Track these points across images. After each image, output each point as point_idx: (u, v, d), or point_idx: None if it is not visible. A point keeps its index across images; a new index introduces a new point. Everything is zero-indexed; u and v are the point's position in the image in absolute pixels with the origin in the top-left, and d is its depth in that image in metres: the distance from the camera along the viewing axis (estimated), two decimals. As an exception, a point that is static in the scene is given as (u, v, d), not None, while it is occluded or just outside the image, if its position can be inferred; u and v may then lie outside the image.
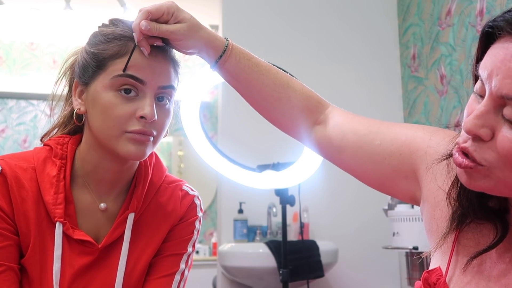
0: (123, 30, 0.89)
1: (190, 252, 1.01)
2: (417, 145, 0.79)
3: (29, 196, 0.89)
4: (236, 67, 0.88)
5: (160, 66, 0.88)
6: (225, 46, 0.87)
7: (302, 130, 0.91)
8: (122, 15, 3.41)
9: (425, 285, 0.71)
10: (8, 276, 0.85)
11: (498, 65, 0.58)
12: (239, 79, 0.89)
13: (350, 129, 0.87)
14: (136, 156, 0.88)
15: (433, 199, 0.75)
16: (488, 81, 0.59)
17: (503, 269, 0.66)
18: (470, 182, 0.64)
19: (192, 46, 0.87)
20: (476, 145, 0.61)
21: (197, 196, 1.04)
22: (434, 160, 0.75)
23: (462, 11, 2.30)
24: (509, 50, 0.57)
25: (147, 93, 0.87)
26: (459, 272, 0.69)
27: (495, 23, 0.60)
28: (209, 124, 4.09)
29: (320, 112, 0.91)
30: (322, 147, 0.91)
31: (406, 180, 0.80)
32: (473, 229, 0.70)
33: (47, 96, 1.00)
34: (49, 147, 0.95)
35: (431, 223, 0.76)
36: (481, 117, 0.60)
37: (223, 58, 0.87)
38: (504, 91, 0.57)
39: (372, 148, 0.83)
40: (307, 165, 1.55)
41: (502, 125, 0.58)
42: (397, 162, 0.80)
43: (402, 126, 0.84)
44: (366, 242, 2.58)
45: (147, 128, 0.86)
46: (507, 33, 0.58)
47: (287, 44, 2.69)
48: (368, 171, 0.85)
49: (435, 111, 2.48)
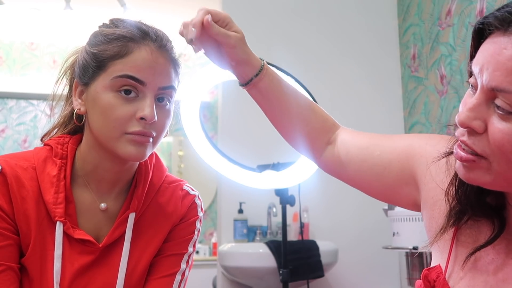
0: (124, 30, 0.89)
1: (190, 252, 1.01)
2: (413, 150, 0.82)
3: (30, 196, 0.89)
4: (268, 87, 0.92)
5: (160, 66, 0.88)
6: (261, 66, 0.91)
7: (316, 150, 0.97)
8: (122, 15, 3.41)
9: (425, 282, 0.72)
10: (8, 276, 0.85)
11: (488, 59, 0.60)
12: (269, 98, 0.93)
13: (353, 144, 0.92)
14: (136, 157, 0.88)
15: (431, 199, 0.77)
16: (480, 75, 0.62)
17: (500, 264, 0.67)
18: (469, 176, 0.65)
19: (239, 57, 0.89)
20: (473, 138, 0.63)
21: (197, 196, 1.04)
22: (434, 158, 0.77)
23: (462, 11, 2.30)
24: (498, 44, 0.60)
25: (147, 94, 0.87)
26: (458, 269, 0.70)
27: (485, 20, 0.62)
28: (209, 124, 4.09)
29: (332, 132, 0.97)
30: (331, 165, 0.96)
31: (406, 186, 0.83)
32: (470, 226, 0.72)
33: (47, 96, 1.00)
34: (49, 147, 0.95)
35: (431, 223, 0.78)
36: (473, 110, 0.62)
37: (259, 76, 0.90)
38: (494, 83, 0.59)
39: (373, 159, 0.88)
40: (307, 165, 1.55)
41: (493, 117, 0.61)
42: (396, 169, 0.84)
43: (401, 136, 0.89)
44: (366, 242, 2.58)
45: (147, 129, 0.86)
46: (496, 29, 0.61)
47: (287, 44, 2.69)
48: (372, 182, 0.89)
49: (435, 111, 2.48)
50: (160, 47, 0.89)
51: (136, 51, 0.87)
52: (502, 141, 0.59)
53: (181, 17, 3.91)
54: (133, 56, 0.87)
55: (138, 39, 0.88)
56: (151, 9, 3.62)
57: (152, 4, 3.56)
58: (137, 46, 0.87)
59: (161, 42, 0.90)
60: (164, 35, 0.92)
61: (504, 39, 0.59)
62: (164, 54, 0.90)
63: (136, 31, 0.89)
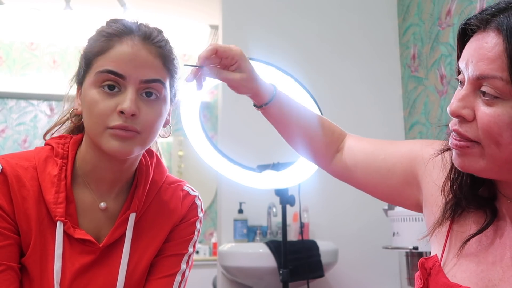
0: (111, 28, 0.89)
1: (190, 252, 1.01)
2: (414, 153, 0.89)
3: (30, 195, 0.89)
4: (278, 113, 0.97)
5: (141, 60, 0.87)
6: (272, 96, 0.95)
7: (326, 160, 1.02)
8: (122, 15, 3.41)
9: (421, 270, 0.78)
10: (8, 276, 0.85)
11: (472, 53, 0.69)
12: (279, 121, 0.99)
13: (359, 149, 0.98)
14: (120, 153, 0.86)
15: (431, 196, 0.83)
16: (466, 69, 0.70)
17: (490, 248, 0.74)
18: (464, 164, 0.72)
19: (244, 92, 0.93)
20: (465, 126, 0.70)
21: (197, 197, 1.04)
22: (431, 155, 0.84)
23: (462, 11, 2.30)
24: (479, 40, 0.68)
25: (128, 88, 0.86)
26: (452, 256, 0.77)
27: (469, 21, 0.72)
28: (209, 124, 4.09)
29: (341, 141, 1.03)
30: (339, 170, 1.01)
31: (409, 186, 0.89)
32: (464, 218, 0.78)
33: (47, 96, 1.01)
34: (50, 147, 0.95)
35: (430, 219, 0.83)
36: (462, 100, 0.70)
37: (268, 105, 0.95)
38: (479, 72, 0.67)
39: (378, 162, 0.94)
40: (307, 165, 1.55)
41: (480, 104, 0.68)
42: (400, 170, 0.90)
43: (404, 142, 0.96)
44: (366, 242, 2.58)
45: (128, 124, 0.85)
46: (477, 28, 0.70)
47: (286, 45, 2.69)
48: (377, 185, 0.95)
49: (435, 111, 2.48)
50: (144, 40, 0.88)
51: (118, 46, 0.87)
52: (489, 124, 0.67)
53: (181, 17, 3.89)
54: (114, 50, 0.86)
55: (121, 34, 0.88)
56: (151, 9, 3.62)
57: (152, 4, 3.56)
58: (119, 41, 0.87)
59: (146, 35, 0.89)
60: (152, 30, 0.91)
61: (484, 35, 0.68)
62: (149, 47, 0.88)
63: (121, 27, 0.89)
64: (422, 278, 0.78)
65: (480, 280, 0.72)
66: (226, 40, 2.62)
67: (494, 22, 0.67)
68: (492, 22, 0.68)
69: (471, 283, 0.72)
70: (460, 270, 0.74)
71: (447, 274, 0.75)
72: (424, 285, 0.77)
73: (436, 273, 0.76)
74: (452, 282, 0.73)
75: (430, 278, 0.77)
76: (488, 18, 0.68)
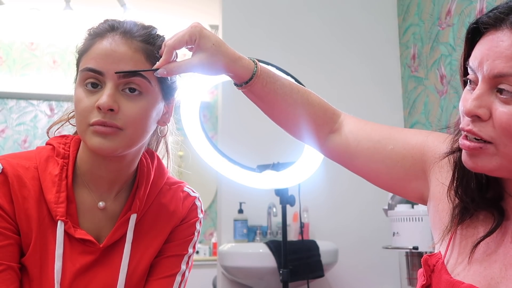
0: (99, 28, 0.89)
1: (190, 253, 1.01)
2: (428, 148, 0.86)
3: (31, 195, 0.89)
4: (261, 91, 0.89)
5: (119, 55, 0.85)
6: (252, 73, 0.87)
7: (319, 140, 0.96)
8: (122, 15, 3.41)
9: (425, 266, 0.78)
10: (8, 275, 0.85)
11: (486, 52, 0.68)
12: (264, 100, 0.91)
13: (364, 136, 0.93)
14: (102, 150, 0.85)
15: (438, 193, 0.82)
16: (480, 68, 0.68)
17: (494, 247, 0.73)
18: (476, 164, 0.70)
19: (215, 74, 0.87)
20: (479, 125, 0.69)
21: (198, 198, 1.04)
22: (437, 157, 0.82)
23: (462, 11, 2.30)
24: (494, 39, 0.67)
25: (107, 84, 0.85)
26: (455, 255, 0.77)
27: (480, 19, 0.70)
28: (209, 124, 4.09)
29: (334, 122, 0.97)
30: (337, 153, 0.96)
31: (416, 180, 0.87)
32: (470, 218, 0.77)
33: (47, 96, 1.01)
34: (51, 146, 0.95)
35: (435, 217, 0.83)
36: (478, 99, 0.68)
37: (250, 83, 0.88)
38: (496, 71, 0.66)
39: (386, 152, 0.90)
40: (307, 165, 1.55)
41: (497, 103, 0.67)
42: (409, 164, 0.87)
43: (412, 131, 0.92)
44: (366, 242, 2.58)
45: (107, 119, 0.84)
46: (490, 26, 0.68)
47: (286, 44, 2.69)
48: (381, 174, 0.91)
49: (435, 111, 2.48)
50: (124, 35, 0.87)
51: (98, 44, 0.87)
52: (509, 122, 0.65)
53: (181, 17, 3.91)
54: (93, 48, 0.87)
55: (104, 32, 0.88)
56: (151, 9, 3.62)
57: (152, 4, 3.57)
58: (100, 39, 0.87)
59: (126, 30, 0.88)
60: (136, 25, 0.89)
61: (498, 34, 0.67)
62: (129, 42, 0.87)
63: (106, 26, 0.89)
64: (426, 275, 0.78)
65: (483, 278, 0.72)
66: (226, 40, 2.62)
67: (509, 20, 0.67)
68: (506, 20, 0.67)
69: (474, 281, 0.72)
70: (464, 269, 0.74)
71: (456, 276, 0.74)
72: (427, 281, 0.77)
73: (439, 270, 0.76)
74: (455, 279, 0.73)
75: (433, 274, 0.77)
76: (502, 17, 0.67)
